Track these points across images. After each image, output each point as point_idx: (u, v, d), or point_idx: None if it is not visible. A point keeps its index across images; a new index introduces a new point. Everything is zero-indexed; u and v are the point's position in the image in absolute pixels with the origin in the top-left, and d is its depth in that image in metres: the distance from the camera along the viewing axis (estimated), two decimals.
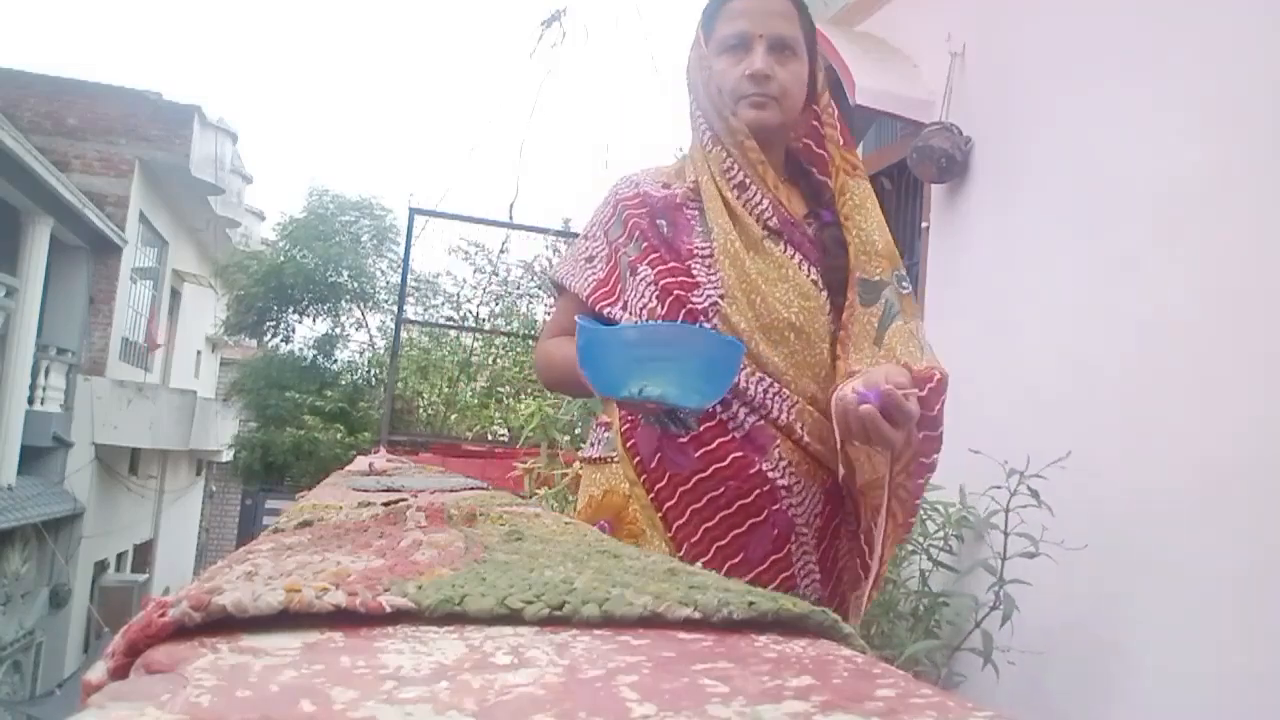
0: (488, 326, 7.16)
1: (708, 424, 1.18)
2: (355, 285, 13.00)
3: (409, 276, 6.24)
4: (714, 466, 1.17)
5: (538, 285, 6.81)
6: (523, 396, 5.56)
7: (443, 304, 7.80)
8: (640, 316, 1.25)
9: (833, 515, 1.22)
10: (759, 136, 1.26)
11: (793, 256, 1.25)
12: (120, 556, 12.64)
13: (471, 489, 1.33)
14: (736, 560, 1.15)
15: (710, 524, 1.17)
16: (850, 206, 1.27)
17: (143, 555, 13.52)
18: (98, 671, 0.32)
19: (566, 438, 4.25)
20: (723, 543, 1.16)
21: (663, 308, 1.23)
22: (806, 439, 1.18)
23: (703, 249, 1.26)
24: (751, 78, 1.25)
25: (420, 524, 0.69)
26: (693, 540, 1.17)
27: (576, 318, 1.17)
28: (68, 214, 9.53)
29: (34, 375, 9.49)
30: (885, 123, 3.76)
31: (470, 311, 7.43)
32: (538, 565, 0.48)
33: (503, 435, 5.67)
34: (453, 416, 6.24)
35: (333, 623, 0.35)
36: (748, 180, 1.26)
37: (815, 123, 1.34)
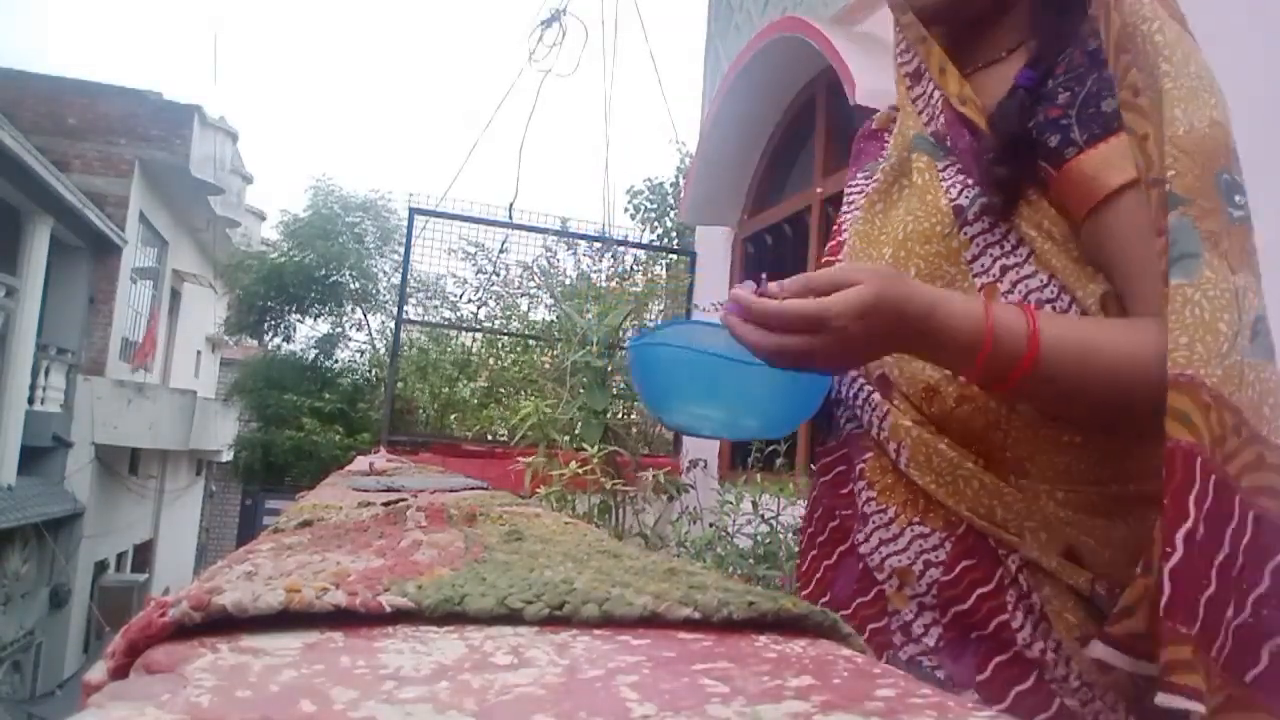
0: (488, 326, 7.16)
1: (850, 426, 0.89)
2: (357, 285, 13.03)
3: (410, 277, 6.24)
4: (821, 480, 0.92)
5: (537, 285, 6.82)
6: (522, 396, 5.57)
7: (442, 305, 7.81)
8: None
9: (973, 572, 0.77)
10: (942, 19, 0.86)
11: (942, 172, 0.82)
12: (120, 556, 12.65)
13: (471, 489, 1.34)
14: (825, 599, 0.88)
15: (814, 551, 0.91)
16: (1116, 47, 0.73)
17: (143, 555, 13.52)
18: (98, 671, 0.32)
19: (566, 437, 4.26)
20: (818, 575, 0.90)
21: None
22: (904, 464, 0.79)
23: (858, 185, 0.96)
24: None
25: (420, 524, 0.69)
26: (802, 569, 0.93)
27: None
28: (68, 214, 9.54)
29: (34, 375, 9.50)
30: None
31: (471, 312, 7.43)
32: (538, 565, 0.48)
33: (502, 435, 5.67)
34: (453, 416, 6.24)
35: (333, 623, 0.35)
36: (922, 67, 0.86)
37: None
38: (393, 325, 8.55)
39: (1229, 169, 0.70)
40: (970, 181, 0.79)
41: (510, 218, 6.04)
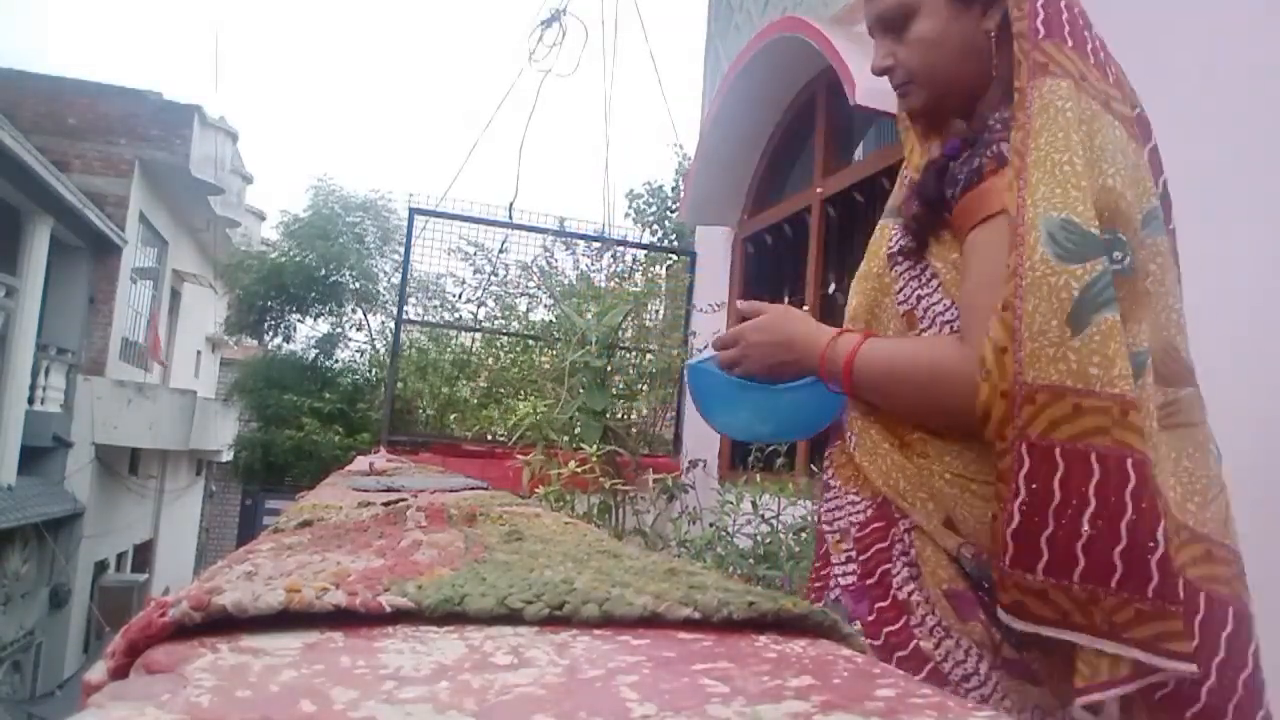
0: (487, 326, 7.15)
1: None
2: (357, 285, 13.02)
3: (410, 277, 6.23)
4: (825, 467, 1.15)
5: (537, 285, 6.81)
6: (521, 396, 5.57)
7: (441, 306, 7.80)
8: None
9: (877, 532, 1.01)
10: (934, 117, 1.09)
11: (893, 229, 1.07)
12: (120, 556, 12.65)
13: (471, 489, 1.34)
14: (819, 561, 1.09)
15: (817, 520, 1.15)
16: (1029, 123, 0.89)
17: (143, 555, 13.52)
18: (98, 671, 0.32)
19: (565, 437, 4.26)
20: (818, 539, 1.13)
21: None
22: (852, 446, 1.04)
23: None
24: (882, 74, 1.09)
25: (420, 524, 0.69)
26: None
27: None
28: (68, 214, 9.54)
29: (34, 375, 9.50)
30: (885, 123, 3.76)
31: (470, 312, 7.41)
32: (538, 565, 0.48)
33: (502, 435, 5.67)
34: (452, 416, 6.23)
35: (333, 623, 0.35)
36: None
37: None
38: (393, 325, 8.53)
39: (1111, 228, 0.87)
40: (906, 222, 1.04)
41: (510, 218, 6.03)
